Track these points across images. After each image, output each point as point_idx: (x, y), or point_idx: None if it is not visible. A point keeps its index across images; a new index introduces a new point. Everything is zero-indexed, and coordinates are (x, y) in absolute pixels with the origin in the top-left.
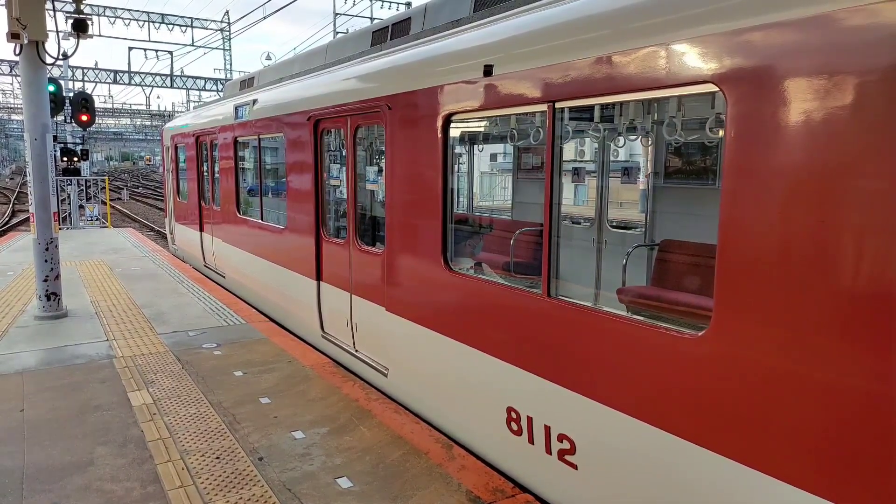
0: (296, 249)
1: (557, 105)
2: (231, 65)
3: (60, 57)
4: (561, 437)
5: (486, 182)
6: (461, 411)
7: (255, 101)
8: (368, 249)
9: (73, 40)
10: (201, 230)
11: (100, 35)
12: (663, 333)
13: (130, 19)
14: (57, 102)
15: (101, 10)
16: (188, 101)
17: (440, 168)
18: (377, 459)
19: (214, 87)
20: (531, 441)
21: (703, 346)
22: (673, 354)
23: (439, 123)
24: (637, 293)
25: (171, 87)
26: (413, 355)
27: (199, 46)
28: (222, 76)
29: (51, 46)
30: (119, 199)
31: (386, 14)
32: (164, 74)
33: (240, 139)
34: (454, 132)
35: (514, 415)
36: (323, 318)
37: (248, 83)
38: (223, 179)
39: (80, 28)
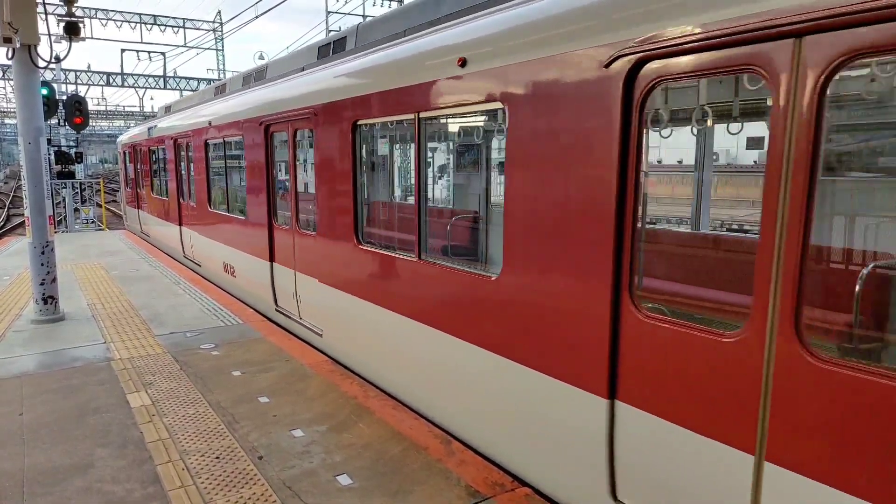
0: (165, 208)
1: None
2: (224, 65)
3: (53, 60)
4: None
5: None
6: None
7: (152, 128)
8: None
9: (65, 43)
10: (138, 208)
11: (92, 37)
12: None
13: (122, 21)
14: (50, 106)
15: (93, 12)
16: None
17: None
18: (377, 456)
19: None
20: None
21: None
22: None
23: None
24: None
25: (165, 88)
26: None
27: (192, 47)
28: (215, 76)
29: (43, 50)
30: (114, 201)
31: (378, 11)
32: (157, 76)
33: (149, 148)
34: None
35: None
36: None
37: (168, 108)
38: (145, 172)
39: (72, 31)
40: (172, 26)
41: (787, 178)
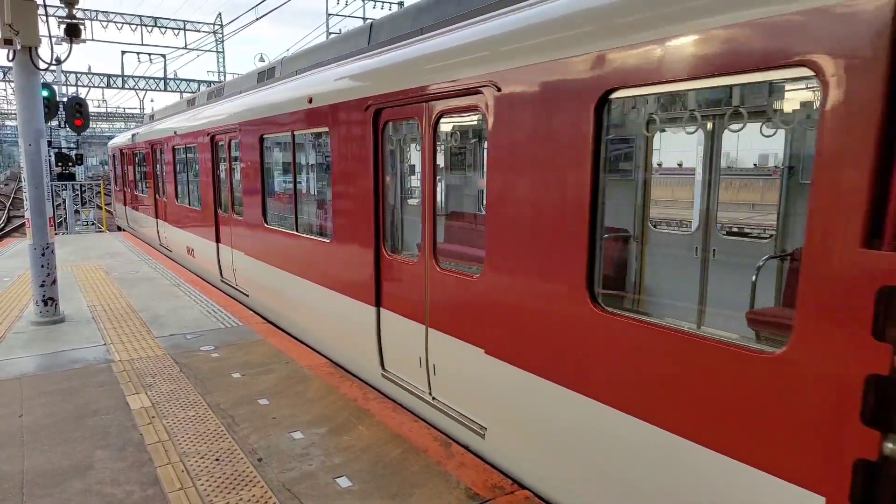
0: (145, 204)
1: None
2: (224, 67)
3: (54, 62)
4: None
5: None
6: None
7: (135, 134)
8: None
9: (66, 45)
10: (125, 204)
11: (93, 39)
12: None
13: (123, 23)
14: (51, 107)
15: (94, 14)
16: None
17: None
18: (376, 458)
19: None
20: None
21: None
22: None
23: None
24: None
25: (165, 90)
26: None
27: (192, 49)
28: (216, 78)
29: (44, 51)
30: None
31: (379, 14)
32: (157, 78)
33: (132, 152)
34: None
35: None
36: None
37: (151, 117)
38: (130, 173)
39: (73, 33)
40: (173, 28)
41: (427, 176)
